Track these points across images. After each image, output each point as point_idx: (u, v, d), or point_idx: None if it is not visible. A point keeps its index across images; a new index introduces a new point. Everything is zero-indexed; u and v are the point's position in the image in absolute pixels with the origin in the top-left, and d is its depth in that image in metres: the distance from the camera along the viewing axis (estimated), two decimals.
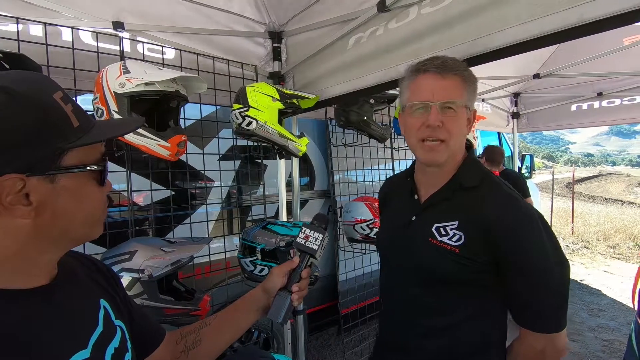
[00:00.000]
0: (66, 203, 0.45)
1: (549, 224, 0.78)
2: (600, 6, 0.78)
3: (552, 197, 7.48)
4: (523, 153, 4.38)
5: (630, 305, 3.60)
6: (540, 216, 0.77)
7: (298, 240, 0.78)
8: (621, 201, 13.70)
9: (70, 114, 0.45)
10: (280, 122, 1.46)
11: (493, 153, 3.10)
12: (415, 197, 0.90)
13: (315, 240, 0.77)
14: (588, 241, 6.58)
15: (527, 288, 0.74)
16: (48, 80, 0.46)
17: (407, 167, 0.98)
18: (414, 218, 0.86)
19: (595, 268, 5.04)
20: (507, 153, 4.19)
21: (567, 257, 0.78)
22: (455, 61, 0.81)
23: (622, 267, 5.11)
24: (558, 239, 0.79)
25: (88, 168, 0.47)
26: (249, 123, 1.37)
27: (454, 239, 0.78)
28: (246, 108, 1.38)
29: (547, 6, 0.84)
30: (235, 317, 0.75)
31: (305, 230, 0.78)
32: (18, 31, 1.15)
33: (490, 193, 0.79)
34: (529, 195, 3.14)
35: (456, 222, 0.78)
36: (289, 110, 1.50)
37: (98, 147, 0.49)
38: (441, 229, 0.80)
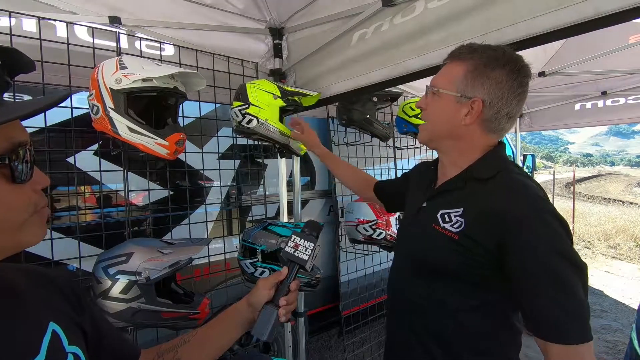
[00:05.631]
0: None
1: (566, 223, 0.71)
2: None
3: (553, 197, 7.46)
4: (524, 153, 4.35)
5: (632, 306, 3.59)
6: (552, 212, 0.69)
7: (287, 249, 0.72)
8: (622, 201, 13.69)
9: None
10: (281, 120, 1.42)
11: None
12: (433, 185, 0.89)
13: (306, 250, 0.71)
14: (589, 241, 6.57)
15: (528, 288, 0.67)
16: None
17: (409, 166, 0.97)
18: (424, 204, 0.86)
19: (596, 268, 5.03)
20: (508, 152, 4.16)
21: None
22: (475, 47, 0.77)
23: (624, 267, 5.10)
24: None
25: None
26: (249, 121, 1.34)
27: (455, 225, 0.75)
28: (246, 105, 1.34)
29: None
30: (217, 334, 0.69)
31: (294, 238, 0.72)
32: (10, 25, 1.11)
33: (501, 185, 0.74)
34: None
35: (461, 210, 0.76)
36: (290, 108, 1.47)
37: (6, 135, 0.39)
38: (445, 216, 0.77)
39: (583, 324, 0.64)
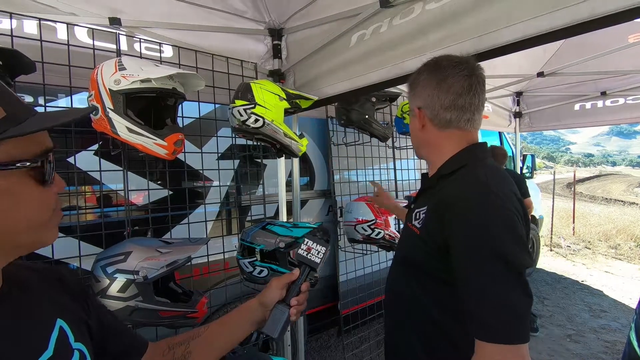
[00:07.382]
0: None
1: (513, 218, 0.67)
2: (612, 0, 0.75)
3: (553, 198, 7.44)
4: (524, 153, 4.34)
5: (632, 305, 3.58)
6: (495, 206, 0.68)
7: (300, 252, 0.77)
8: (622, 201, 13.65)
9: None
10: None
11: (493, 155, 3.08)
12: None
13: (318, 254, 0.76)
14: (589, 241, 6.55)
15: (461, 284, 0.68)
16: None
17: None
18: (412, 206, 0.94)
19: (596, 269, 5.02)
20: (508, 153, 4.16)
21: (534, 261, 0.68)
22: (415, 71, 0.89)
23: (624, 267, 5.09)
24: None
25: (18, 165, 0.39)
26: (256, 121, 1.34)
27: (419, 221, 0.82)
28: (252, 105, 1.34)
29: (557, 0, 0.81)
30: (228, 330, 0.72)
31: (307, 242, 0.77)
32: (12, 27, 1.12)
33: (455, 178, 0.79)
34: (529, 196, 3.13)
35: (426, 207, 0.82)
36: (290, 110, 1.48)
37: (38, 141, 0.42)
38: (417, 214, 0.85)
39: (512, 324, 0.62)
